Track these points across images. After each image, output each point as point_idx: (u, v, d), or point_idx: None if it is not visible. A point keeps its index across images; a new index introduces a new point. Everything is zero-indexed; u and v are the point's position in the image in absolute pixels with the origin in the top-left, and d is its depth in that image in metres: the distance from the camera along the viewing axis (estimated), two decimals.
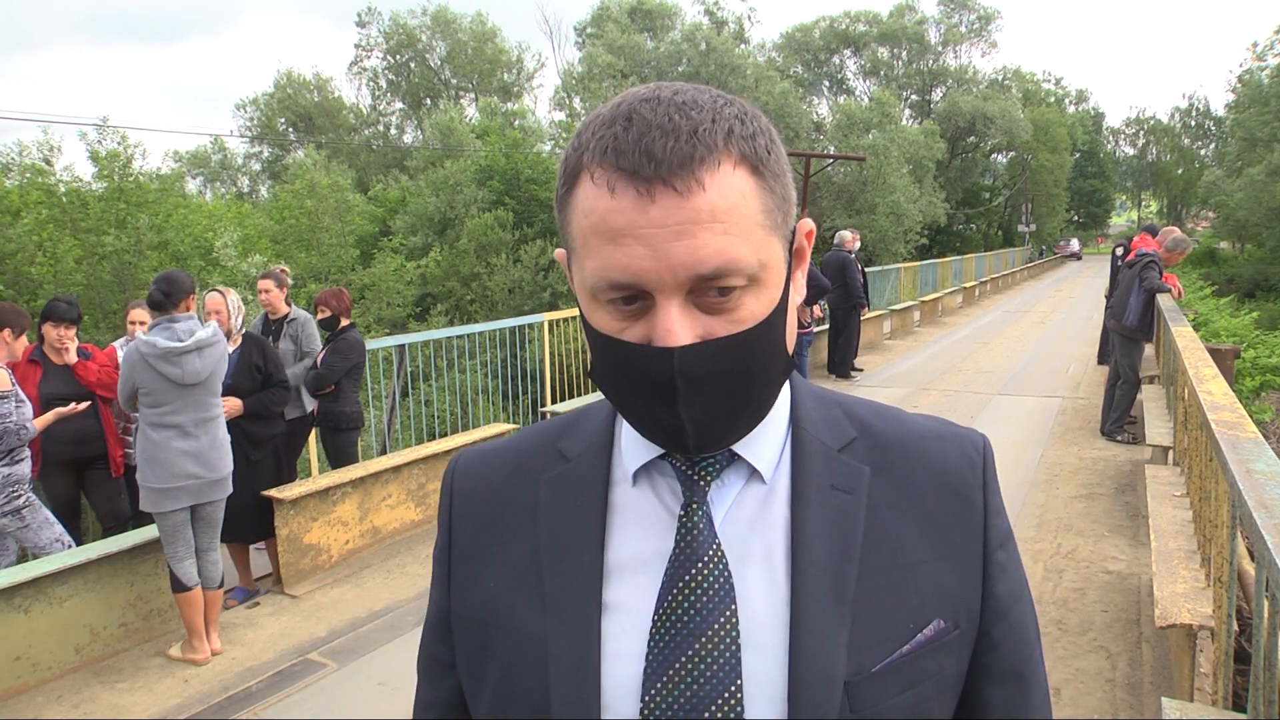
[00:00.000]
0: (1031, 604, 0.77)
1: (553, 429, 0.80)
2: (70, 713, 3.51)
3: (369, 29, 45.16)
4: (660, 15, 40.18)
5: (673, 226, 0.59)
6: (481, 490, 0.79)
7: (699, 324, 0.62)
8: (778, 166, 0.64)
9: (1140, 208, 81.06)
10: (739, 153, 0.61)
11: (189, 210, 19.52)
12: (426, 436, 6.97)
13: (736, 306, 0.62)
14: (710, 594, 0.66)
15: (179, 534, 3.76)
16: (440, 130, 30.56)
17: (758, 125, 0.64)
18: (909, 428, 0.77)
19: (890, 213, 31.94)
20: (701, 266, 0.59)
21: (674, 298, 0.61)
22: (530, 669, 0.69)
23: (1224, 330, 13.46)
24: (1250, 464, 2.38)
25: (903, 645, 0.67)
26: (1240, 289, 31.86)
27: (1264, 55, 38.16)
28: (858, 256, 11.17)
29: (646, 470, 0.73)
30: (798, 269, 0.70)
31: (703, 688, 0.64)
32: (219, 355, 3.84)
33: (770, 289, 0.64)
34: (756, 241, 0.62)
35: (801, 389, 0.77)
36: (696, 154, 0.59)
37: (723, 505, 0.70)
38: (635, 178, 0.59)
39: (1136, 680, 3.52)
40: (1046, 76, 64.77)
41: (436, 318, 22.10)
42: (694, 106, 0.61)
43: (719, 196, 0.59)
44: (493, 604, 0.73)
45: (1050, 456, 6.91)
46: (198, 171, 43.49)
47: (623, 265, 0.60)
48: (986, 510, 0.73)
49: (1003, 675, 0.73)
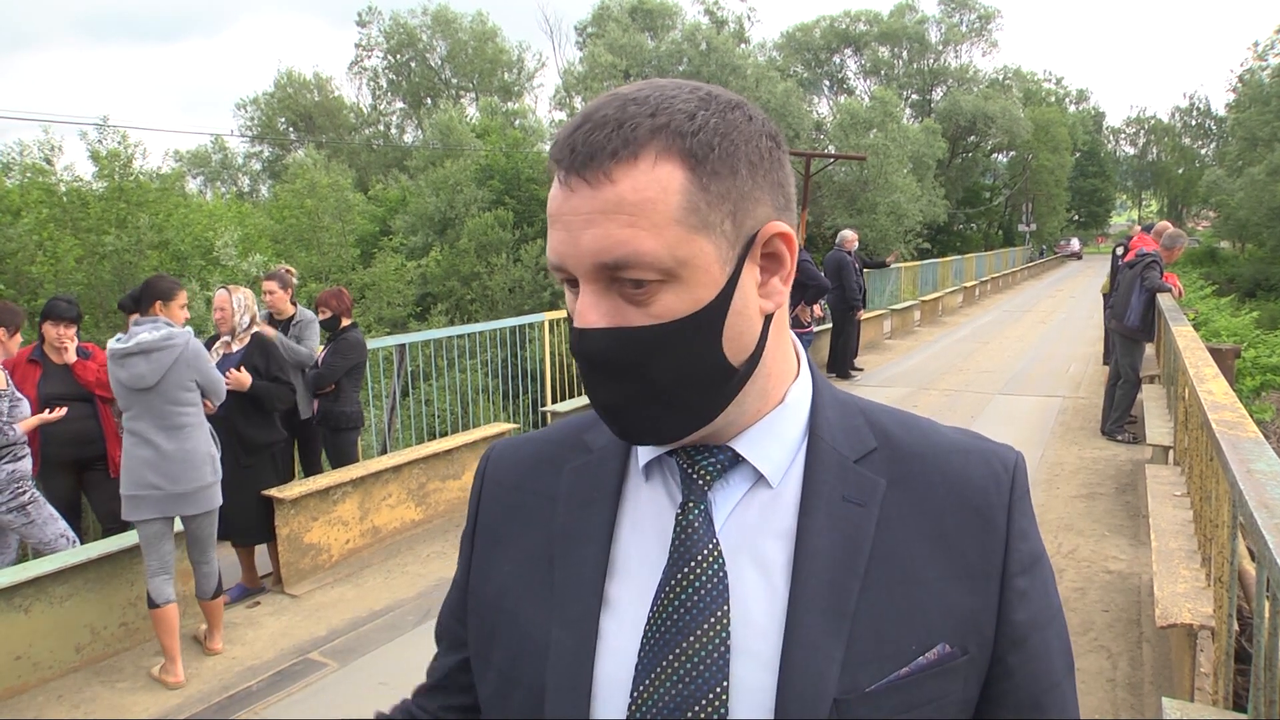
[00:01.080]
0: (1062, 634, 0.73)
1: (583, 421, 0.81)
2: (71, 712, 3.51)
3: (369, 28, 45.17)
4: (661, 15, 40.13)
5: (584, 215, 0.62)
6: (510, 477, 0.81)
7: (618, 313, 0.64)
8: (724, 165, 0.63)
9: (1141, 207, 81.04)
10: (670, 147, 0.61)
11: (189, 210, 19.51)
12: (427, 436, 6.97)
13: (651, 300, 0.63)
14: (702, 594, 0.66)
15: (151, 547, 3.64)
16: (440, 130, 30.55)
17: (712, 123, 0.63)
18: (934, 441, 0.74)
19: (891, 212, 31.92)
20: (604, 255, 0.61)
21: (591, 283, 0.64)
22: (532, 657, 0.71)
23: (1224, 330, 13.46)
24: (1251, 463, 2.37)
25: (902, 666, 0.65)
26: (1241, 288, 31.83)
27: (1265, 54, 38.15)
28: (857, 256, 11.18)
29: (658, 464, 0.73)
30: (772, 275, 0.68)
31: (688, 687, 0.64)
32: (170, 360, 3.61)
33: (695, 289, 0.63)
34: (670, 237, 0.61)
35: (825, 395, 0.75)
36: (609, 147, 0.61)
37: (727, 506, 0.70)
38: (559, 167, 0.63)
39: (1137, 680, 3.52)
40: (1047, 76, 64.79)
41: (437, 317, 22.09)
42: (642, 101, 0.63)
43: (630, 189, 0.60)
44: (504, 590, 0.75)
45: (1051, 456, 6.91)
46: (198, 171, 43.48)
47: (553, 248, 0.65)
48: (1010, 532, 0.70)
49: (1018, 705, 0.69)
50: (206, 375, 3.77)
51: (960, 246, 41.74)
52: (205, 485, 3.73)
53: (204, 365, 3.76)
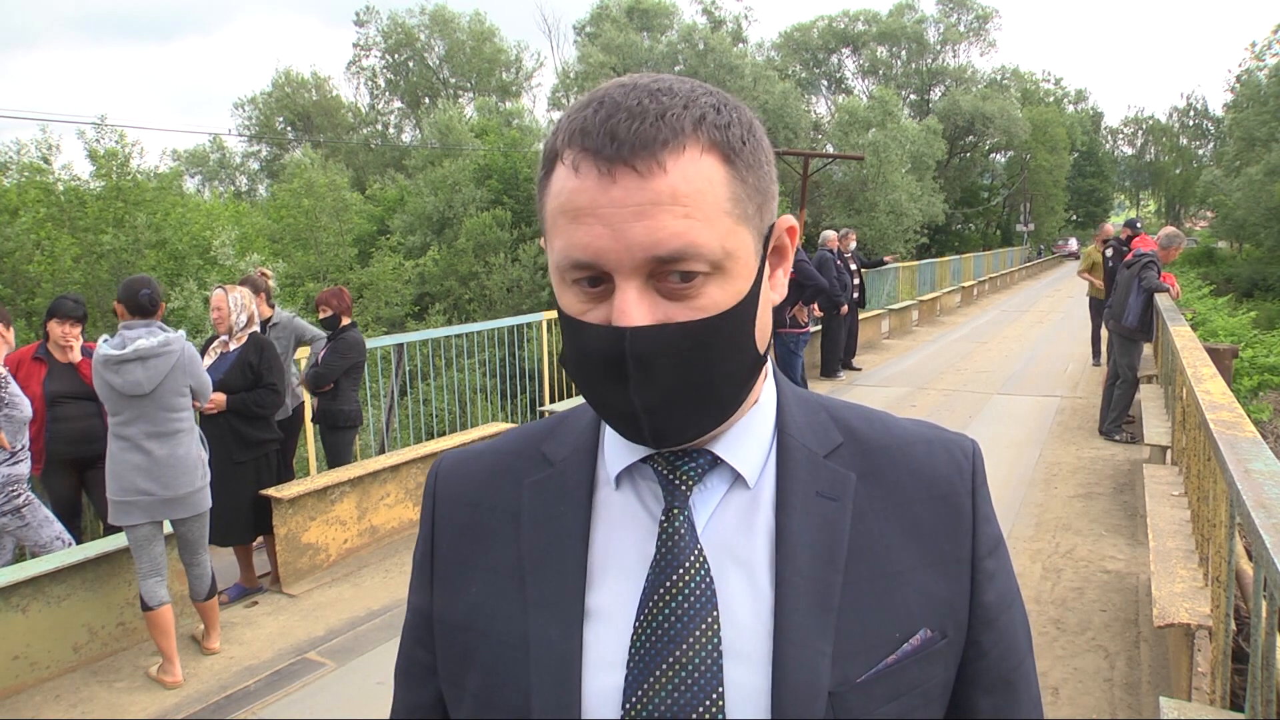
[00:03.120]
0: (1022, 611, 0.76)
1: (537, 431, 0.79)
2: (68, 712, 3.50)
3: (367, 28, 45.17)
4: (657, 14, 40.15)
5: (632, 206, 0.59)
6: (465, 494, 0.78)
7: (659, 309, 0.61)
8: (753, 159, 0.64)
9: (1139, 207, 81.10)
10: (709, 139, 0.61)
11: (187, 209, 19.51)
12: (425, 435, 6.97)
13: (699, 294, 0.61)
14: (691, 600, 0.66)
15: (142, 550, 3.61)
16: (439, 129, 30.52)
17: (735, 116, 0.64)
18: (896, 433, 0.75)
19: (890, 211, 31.93)
20: (659, 248, 0.59)
21: (633, 279, 0.60)
22: (512, 676, 0.68)
23: (1222, 330, 13.48)
24: (1248, 463, 2.38)
25: (889, 655, 0.66)
26: (1238, 288, 31.89)
27: (1262, 55, 38.26)
28: (854, 256, 11.19)
29: (629, 474, 0.72)
30: (777, 267, 0.70)
31: (684, 695, 0.64)
32: (168, 367, 3.59)
33: (737, 280, 0.63)
34: (721, 229, 0.61)
35: (787, 393, 0.76)
36: (660, 136, 0.59)
37: (706, 510, 0.69)
38: (598, 157, 0.59)
39: (1134, 680, 3.53)
40: (1045, 76, 64.75)
41: (435, 317, 22.07)
42: (667, 93, 0.62)
43: (682, 180, 0.59)
44: (475, 610, 0.73)
45: (1049, 456, 6.92)
46: (196, 170, 43.48)
47: (584, 244, 0.60)
48: (975, 517, 0.72)
49: (991, 684, 0.72)
50: (199, 379, 3.77)
51: (958, 246, 41.79)
52: (196, 489, 3.71)
53: (197, 369, 3.76)
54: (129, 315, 3.71)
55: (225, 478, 4.24)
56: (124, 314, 3.75)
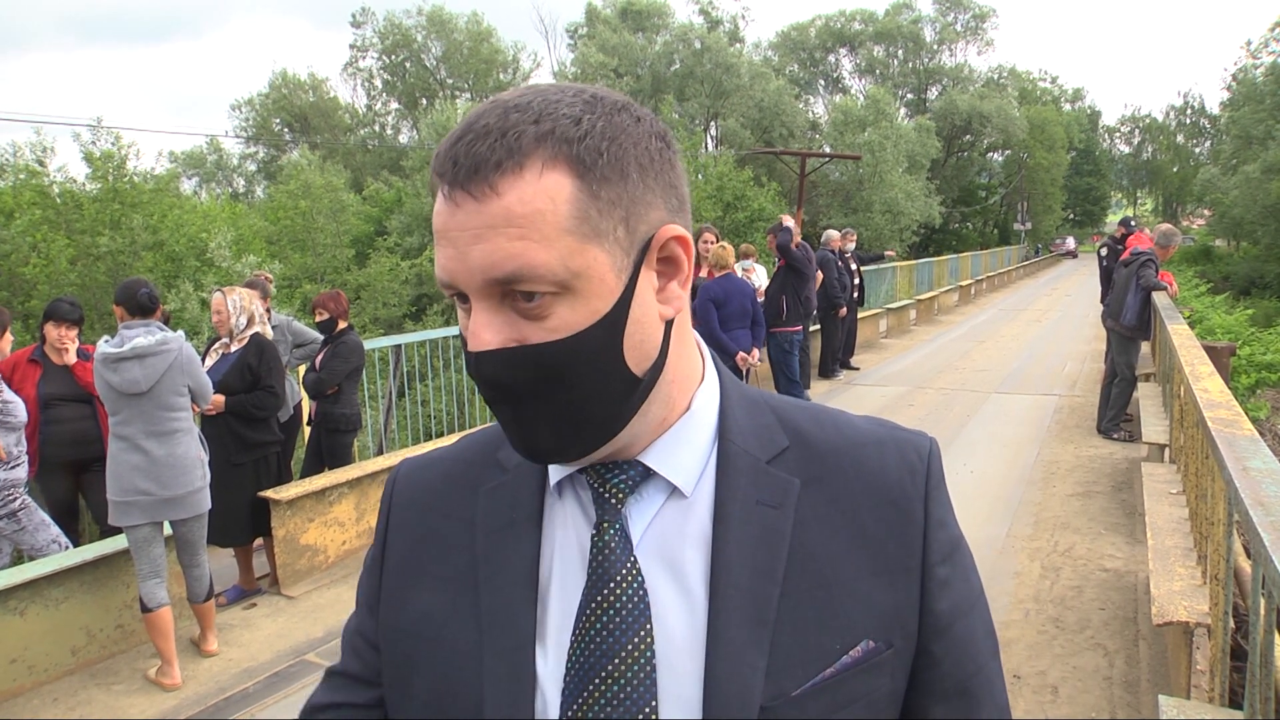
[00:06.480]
0: (984, 616, 0.73)
1: (494, 437, 0.78)
2: (66, 715, 3.49)
3: (364, 29, 45.12)
4: (651, 15, 40.15)
5: (471, 230, 0.59)
6: (422, 499, 0.77)
7: (515, 329, 0.61)
8: (613, 170, 0.61)
9: (1136, 206, 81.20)
10: (553, 154, 0.59)
11: (183, 211, 19.49)
12: (423, 436, 6.97)
13: (548, 314, 0.60)
14: (624, 615, 0.65)
15: (141, 551, 3.61)
16: (436, 130, 30.52)
17: (599, 126, 0.61)
18: (847, 435, 0.73)
19: (886, 210, 31.95)
20: (494, 270, 0.59)
21: (483, 300, 0.61)
22: (464, 687, 0.68)
23: (1219, 328, 13.51)
24: (1246, 461, 2.38)
25: (827, 667, 0.64)
26: (1235, 286, 31.93)
27: (1258, 53, 38.27)
28: (852, 256, 11.19)
29: (569, 483, 0.71)
30: (671, 279, 0.66)
31: (617, 710, 0.63)
32: (165, 366, 3.58)
33: (591, 300, 0.61)
34: (562, 248, 0.59)
35: (733, 395, 0.73)
36: (493, 158, 0.58)
37: (643, 521, 0.68)
38: (443, 182, 0.61)
39: (1134, 678, 3.53)
40: (1042, 75, 64.73)
41: (433, 317, 22.07)
42: (523, 108, 0.60)
43: (517, 201, 0.58)
44: (424, 618, 0.72)
45: (1047, 454, 6.92)
46: (193, 172, 43.44)
47: (441, 265, 0.62)
48: (928, 523, 0.70)
49: (945, 693, 0.70)
50: (198, 380, 3.76)
51: (956, 245, 41.85)
52: (195, 490, 3.71)
53: (196, 370, 3.74)
54: (128, 315, 3.73)
55: (224, 479, 4.23)
56: (123, 315, 3.76)
